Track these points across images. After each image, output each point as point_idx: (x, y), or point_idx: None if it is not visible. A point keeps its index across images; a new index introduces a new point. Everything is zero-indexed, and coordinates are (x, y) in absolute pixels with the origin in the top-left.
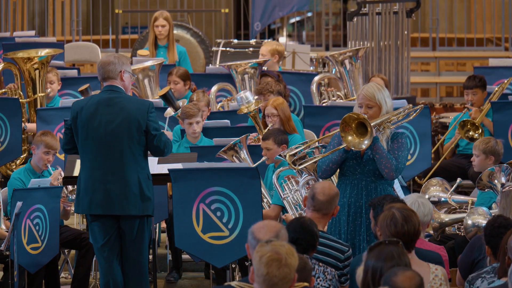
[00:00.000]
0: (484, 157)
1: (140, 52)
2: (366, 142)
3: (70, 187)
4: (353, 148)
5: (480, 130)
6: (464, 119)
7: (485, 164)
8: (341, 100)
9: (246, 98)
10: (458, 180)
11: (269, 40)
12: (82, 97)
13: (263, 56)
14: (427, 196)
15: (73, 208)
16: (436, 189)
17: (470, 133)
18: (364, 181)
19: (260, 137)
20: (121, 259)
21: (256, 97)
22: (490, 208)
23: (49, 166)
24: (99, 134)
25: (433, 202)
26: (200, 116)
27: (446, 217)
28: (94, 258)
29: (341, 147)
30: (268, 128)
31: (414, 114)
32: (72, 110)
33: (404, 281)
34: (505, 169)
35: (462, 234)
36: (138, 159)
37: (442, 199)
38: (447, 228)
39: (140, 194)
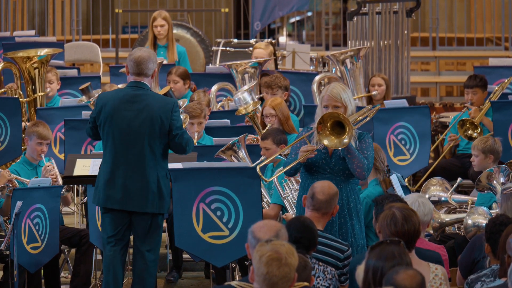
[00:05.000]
0: (484, 157)
1: None
2: (346, 140)
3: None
4: (330, 147)
5: (479, 130)
6: (463, 118)
7: (485, 163)
8: None
9: (244, 99)
10: (459, 179)
11: (259, 42)
12: (83, 96)
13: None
14: (427, 196)
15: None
16: (436, 188)
17: (469, 132)
18: (334, 180)
19: (259, 137)
20: (130, 252)
21: (257, 96)
22: (490, 207)
23: (43, 156)
24: (122, 130)
25: (433, 202)
26: (203, 116)
27: (446, 217)
28: (95, 258)
29: (317, 147)
30: (266, 128)
31: (371, 114)
32: (97, 103)
33: (405, 280)
34: (504, 169)
35: (462, 233)
36: (158, 157)
37: (443, 198)
38: (447, 228)
39: (158, 192)
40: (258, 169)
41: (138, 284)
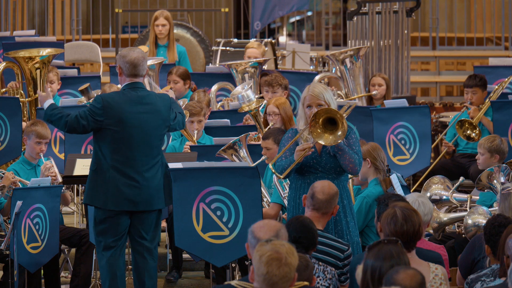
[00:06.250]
0: (489, 156)
1: (140, 48)
2: (340, 133)
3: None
4: (327, 145)
5: (477, 130)
6: (462, 119)
7: (490, 163)
8: (342, 99)
9: (248, 97)
10: (461, 179)
11: (252, 41)
12: (82, 96)
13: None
14: (428, 194)
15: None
16: (438, 187)
17: (468, 132)
18: (326, 179)
19: (260, 135)
20: (131, 252)
21: (257, 96)
22: (491, 206)
23: (41, 155)
24: (138, 132)
25: (435, 200)
26: (203, 115)
27: (446, 217)
28: (95, 258)
29: (312, 144)
30: (268, 127)
31: (347, 112)
32: (104, 106)
33: (406, 279)
34: (504, 169)
35: (463, 234)
36: (161, 152)
37: (444, 197)
38: (447, 227)
39: (164, 187)
40: (270, 165)
41: (151, 281)
